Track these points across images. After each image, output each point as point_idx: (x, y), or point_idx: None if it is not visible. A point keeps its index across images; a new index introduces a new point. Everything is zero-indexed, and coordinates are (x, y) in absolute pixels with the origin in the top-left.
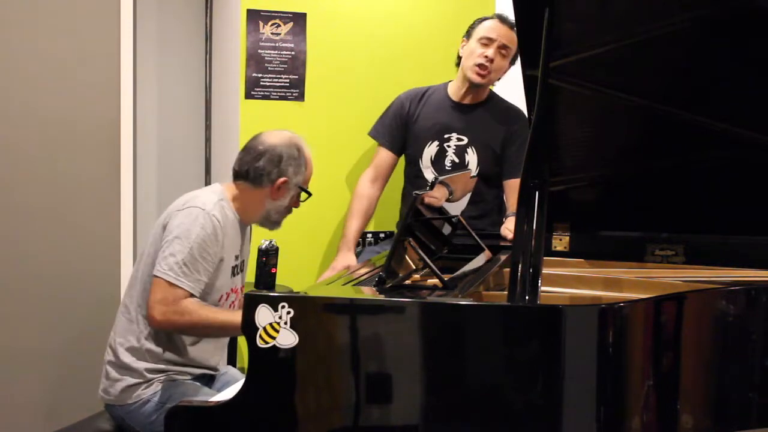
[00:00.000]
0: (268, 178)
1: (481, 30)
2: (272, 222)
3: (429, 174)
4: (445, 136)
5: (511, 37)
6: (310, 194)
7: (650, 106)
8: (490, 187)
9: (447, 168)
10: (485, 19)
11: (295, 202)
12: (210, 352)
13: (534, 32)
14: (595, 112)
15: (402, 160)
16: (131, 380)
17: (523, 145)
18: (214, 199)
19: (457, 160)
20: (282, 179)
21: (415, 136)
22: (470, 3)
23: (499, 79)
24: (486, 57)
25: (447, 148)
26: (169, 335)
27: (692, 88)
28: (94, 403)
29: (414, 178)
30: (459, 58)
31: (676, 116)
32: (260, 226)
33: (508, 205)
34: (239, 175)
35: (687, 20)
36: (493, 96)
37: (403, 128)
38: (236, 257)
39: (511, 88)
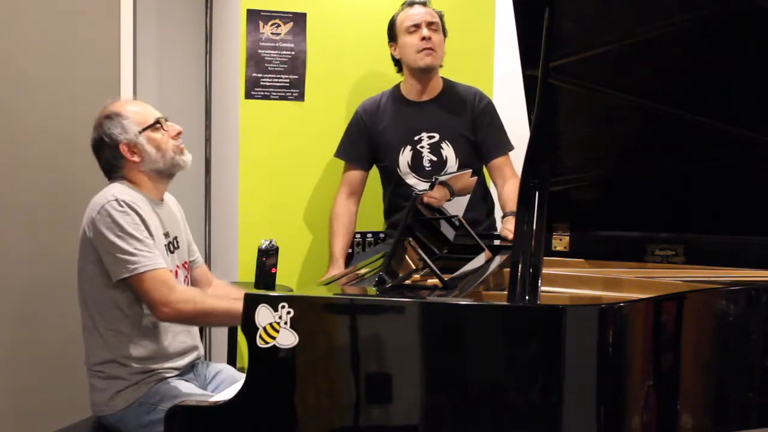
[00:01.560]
0: (116, 159)
1: (402, 24)
2: (168, 168)
3: (411, 179)
4: (415, 138)
5: (429, 12)
6: (158, 125)
7: (650, 106)
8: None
9: (427, 168)
10: (396, 16)
11: (165, 135)
12: (183, 331)
13: (534, 32)
14: (595, 112)
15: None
16: (117, 387)
17: (492, 120)
18: (117, 188)
19: (434, 158)
20: (121, 146)
21: (385, 147)
22: (470, 3)
23: (444, 50)
24: (423, 38)
25: (421, 150)
26: (143, 336)
27: (692, 88)
28: (88, 407)
29: (396, 187)
30: (397, 62)
31: (676, 116)
32: (170, 174)
33: (496, 186)
34: (109, 176)
35: (687, 20)
36: (447, 83)
37: (366, 142)
38: (165, 235)
39: (511, 88)
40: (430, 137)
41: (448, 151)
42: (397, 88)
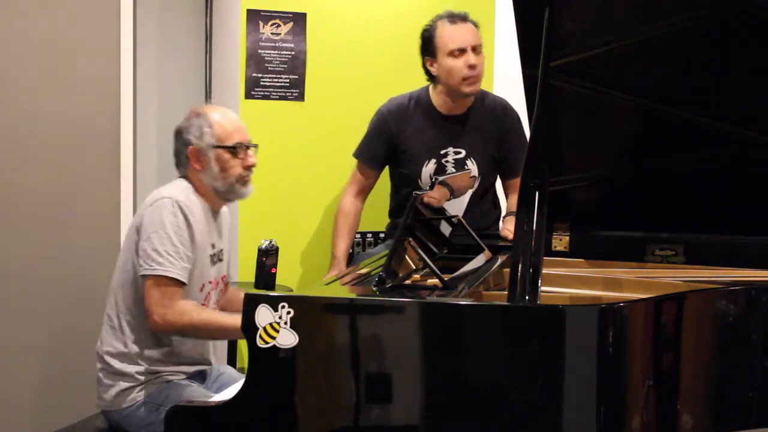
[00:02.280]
0: (183, 156)
1: (445, 45)
2: (225, 192)
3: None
4: (442, 152)
5: (473, 31)
6: (236, 149)
7: (650, 106)
8: (486, 193)
9: None
10: (434, 29)
11: (238, 162)
12: (200, 344)
13: (534, 32)
14: (595, 112)
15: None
16: (124, 384)
17: (519, 140)
18: (180, 189)
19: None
20: (191, 148)
21: (408, 156)
22: (470, 3)
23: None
24: (470, 66)
25: (446, 164)
26: (156, 336)
27: (692, 88)
28: (91, 405)
29: (410, 194)
30: (430, 75)
31: (676, 116)
32: (225, 199)
33: (509, 204)
34: (175, 166)
35: (687, 20)
36: (477, 95)
37: (386, 146)
38: (212, 246)
39: (511, 88)
40: (456, 152)
41: (472, 166)
42: (427, 95)
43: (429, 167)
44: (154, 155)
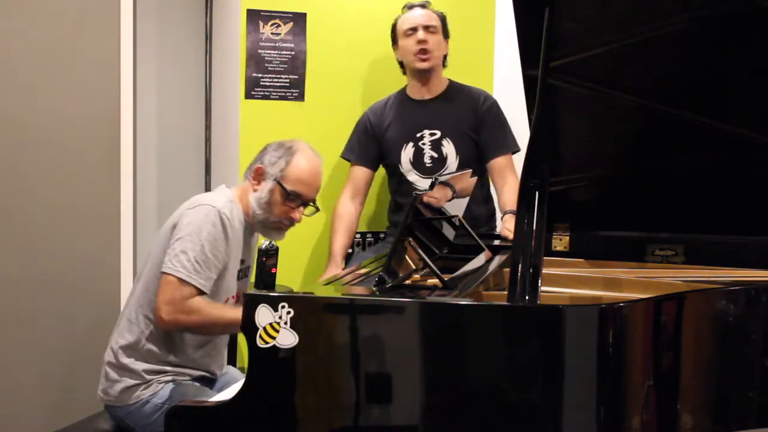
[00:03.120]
0: (251, 168)
1: (401, 27)
2: (259, 222)
3: (413, 176)
4: (417, 135)
5: (428, 15)
6: (291, 196)
7: (650, 106)
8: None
9: (428, 165)
10: (397, 19)
11: (287, 209)
12: (212, 357)
13: (534, 32)
14: (595, 112)
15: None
16: (130, 381)
17: (495, 121)
18: (224, 199)
19: (435, 155)
20: (258, 166)
21: (388, 145)
22: (470, 3)
23: (445, 57)
24: (419, 41)
25: (423, 146)
26: (171, 337)
27: (692, 88)
28: (94, 404)
29: (398, 185)
30: (401, 65)
31: (676, 116)
32: (259, 232)
33: (496, 187)
34: (247, 172)
35: (687, 20)
36: (452, 85)
37: (373, 142)
38: (242, 261)
39: (511, 88)
40: (431, 134)
41: (448, 147)
42: (404, 89)
43: (407, 151)
44: (154, 155)
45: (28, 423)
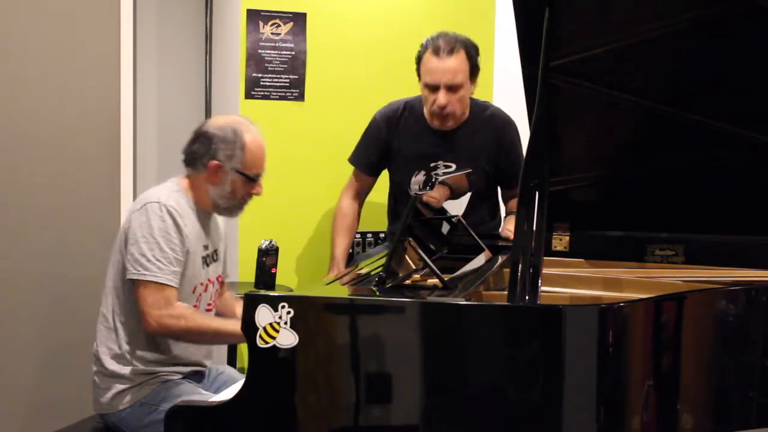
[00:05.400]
0: (200, 162)
1: (423, 73)
2: (223, 209)
3: (415, 188)
4: (432, 164)
5: (454, 70)
6: (253, 179)
7: (650, 106)
8: (483, 201)
9: None
10: (423, 52)
11: (248, 189)
12: (197, 347)
13: (534, 32)
14: (595, 112)
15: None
16: (120, 386)
17: (518, 153)
18: (169, 191)
19: None
20: (213, 162)
21: (398, 161)
22: (470, 3)
23: (467, 102)
24: (437, 105)
25: (435, 176)
26: (150, 337)
27: (692, 88)
28: (90, 406)
29: (401, 196)
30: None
31: (676, 116)
32: (217, 214)
33: (507, 208)
34: (184, 162)
35: (687, 20)
36: (475, 109)
37: (379, 152)
38: (205, 247)
39: (511, 88)
40: (446, 166)
41: None
42: (421, 103)
43: (418, 178)
44: (154, 155)
45: (25, 425)
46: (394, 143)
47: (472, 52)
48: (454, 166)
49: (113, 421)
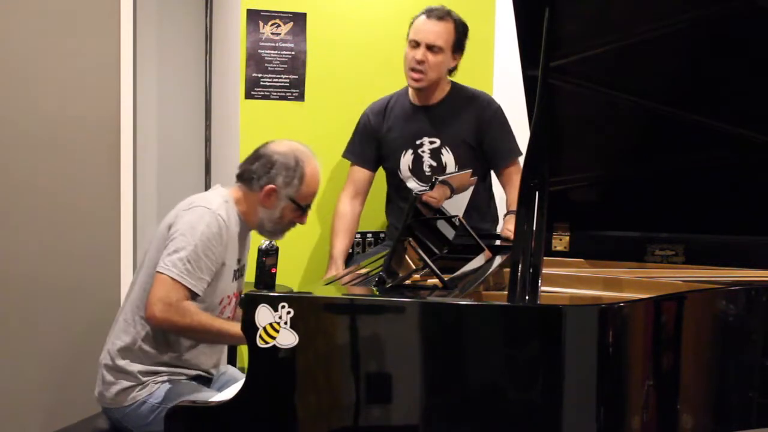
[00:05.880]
0: (257, 183)
1: (410, 33)
2: (267, 231)
3: (412, 183)
4: (417, 142)
5: (438, 32)
6: (304, 210)
7: (650, 106)
8: (478, 182)
9: (426, 173)
10: (416, 17)
11: (295, 216)
12: (207, 355)
13: (534, 32)
14: (595, 112)
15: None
16: (126, 383)
17: (501, 128)
18: (220, 200)
19: (434, 164)
20: (269, 186)
21: (388, 149)
22: (470, 3)
23: (448, 72)
24: (415, 60)
25: (422, 154)
26: (166, 337)
27: (692, 88)
28: (93, 404)
29: (397, 189)
30: None
31: (676, 116)
32: (259, 233)
33: (504, 190)
34: (238, 176)
35: (687, 20)
36: (455, 89)
37: (372, 144)
38: (238, 261)
39: (511, 88)
40: (431, 142)
41: (447, 157)
42: (406, 89)
43: (407, 158)
44: (154, 155)
45: (27, 423)
46: (382, 131)
47: (460, 29)
48: (438, 142)
49: (117, 416)
